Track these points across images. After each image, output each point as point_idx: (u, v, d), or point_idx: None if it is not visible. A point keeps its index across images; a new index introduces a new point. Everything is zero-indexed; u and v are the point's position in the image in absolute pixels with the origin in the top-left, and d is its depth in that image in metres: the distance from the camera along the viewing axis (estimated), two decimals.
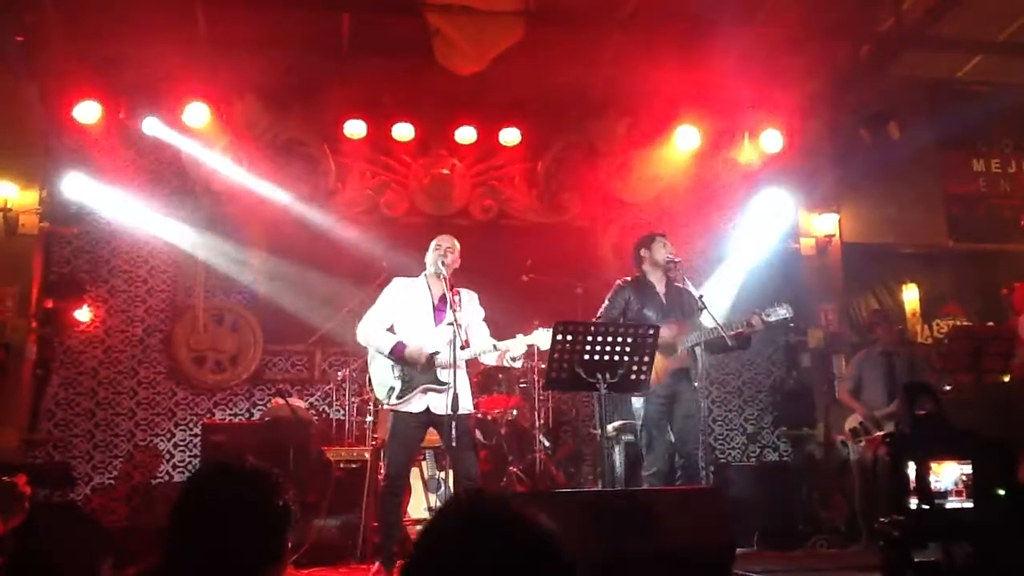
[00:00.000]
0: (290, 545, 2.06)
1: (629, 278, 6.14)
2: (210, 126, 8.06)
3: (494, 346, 5.44)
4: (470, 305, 5.61)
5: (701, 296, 5.73)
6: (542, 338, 5.26)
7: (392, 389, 5.42)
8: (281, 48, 7.96)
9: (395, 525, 5.47)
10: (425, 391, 5.39)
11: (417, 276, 5.70)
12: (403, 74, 8.20)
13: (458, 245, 5.65)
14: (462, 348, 5.29)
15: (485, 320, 5.70)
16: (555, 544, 1.45)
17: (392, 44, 8.11)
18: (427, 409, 5.39)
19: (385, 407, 5.58)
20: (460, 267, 5.72)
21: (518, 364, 5.61)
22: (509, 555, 1.41)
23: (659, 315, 5.85)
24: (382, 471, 6.25)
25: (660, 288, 6.05)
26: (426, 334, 5.47)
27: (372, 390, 5.65)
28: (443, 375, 5.35)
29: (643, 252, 6.15)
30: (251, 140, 8.28)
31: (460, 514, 1.52)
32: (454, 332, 5.24)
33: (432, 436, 5.80)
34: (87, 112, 7.78)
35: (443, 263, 5.49)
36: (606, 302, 6.05)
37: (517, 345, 5.35)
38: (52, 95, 7.86)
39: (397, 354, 5.40)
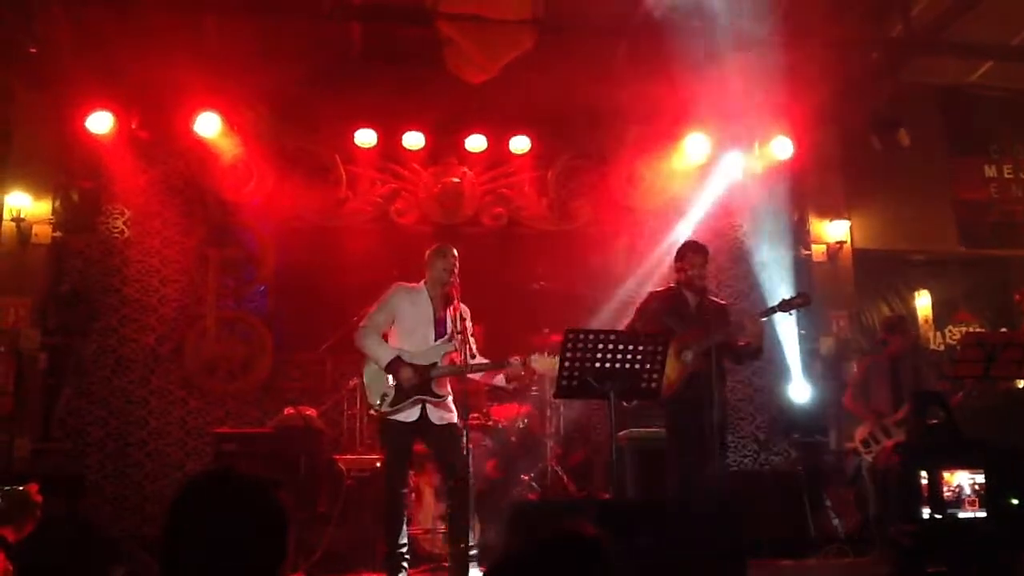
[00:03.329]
0: (291, 550, 2.05)
1: (661, 289, 6.13)
2: (221, 135, 8.09)
3: (485, 365, 5.44)
4: (466, 322, 5.58)
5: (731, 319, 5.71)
6: (540, 363, 5.27)
7: (385, 396, 5.39)
8: (292, 58, 7.99)
9: (399, 533, 5.46)
10: (417, 402, 5.38)
11: (418, 284, 5.68)
12: (413, 83, 8.22)
13: (456, 252, 5.64)
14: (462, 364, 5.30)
15: (481, 335, 5.70)
16: None
17: (402, 53, 8.14)
18: (419, 418, 5.39)
19: (375, 413, 5.54)
20: (471, 274, 5.71)
21: (510, 387, 5.56)
22: None
23: (683, 328, 5.79)
24: None
25: (692, 301, 5.96)
26: (424, 348, 5.46)
27: (366, 394, 5.62)
28: (436, 387, 5.37)
29: (676, 264, 6.09)
30: (261, 149, 8.31)
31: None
32: (456, 347, 5.26)
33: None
34: (99, 122, 7.83)
35: (447, 271, 5.48)
36: (635, 314, 6.02)
37: (512, 370, 5.34)
38: (64, 106, 7.91)
39: (392, 370, 5.37)
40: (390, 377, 5.41)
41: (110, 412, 7.93)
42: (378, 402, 5.43)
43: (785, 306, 5.82)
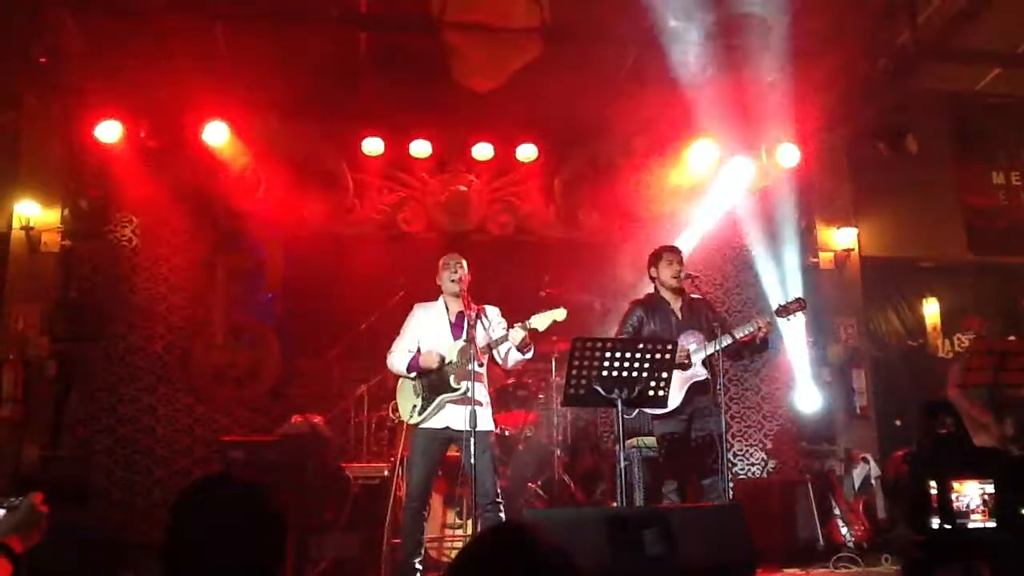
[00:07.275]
0: (288, 552, 2.08)
1: (642, 297, 6.11)
2: (229, 144, 8.11)
3: (504, 337, 5.46)
4: (494, 320, 5.63)
5: (719, 312, 5.69)
6: (539, 321, 5.35)
7: (415, 407, 5.51)
8: (299, 66, 8.00)
9: (418, 542, 5.48)
10: (444, 404, 5.43)
11: (436, 299, 5.77)
12: (420, 91, 8.23)
13: (464, 261, 5.70)
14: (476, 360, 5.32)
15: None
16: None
17: (409, 62, 8.14)
18: (448, 426, 5.43)
19: (408, 423, 5.62)
20: (478, 282, 5.74)
21: (529, 354, 5.57)
22: None
23: (674, 332, 5.79)
24: (402, 487, 6.25)
25: (675, 304, 5.98)
26: (443, 349, 5.52)
27: (399, 414, 5.73)
28: (456, 383, 5.40)
29: (652, 271, 6.08)
30: (269, 157, 8.33)
31: (494, 547, 1.56)
32: (472, 349, 5.27)
33: (453, 452, 5.82)
34: (108, 131, 7.86)
35: (452, 280, 5.54)
36: (619, 325, 6.02)
37: (515, 335, 5.38)
38: (74, 115, 7.96)
39: (414, 366, 5.48)
40: (416, 387, 5.52)
41: (118, 420, 7.96)
42: (409, 415, 5.55)
43: (781, 312, 5.80)
